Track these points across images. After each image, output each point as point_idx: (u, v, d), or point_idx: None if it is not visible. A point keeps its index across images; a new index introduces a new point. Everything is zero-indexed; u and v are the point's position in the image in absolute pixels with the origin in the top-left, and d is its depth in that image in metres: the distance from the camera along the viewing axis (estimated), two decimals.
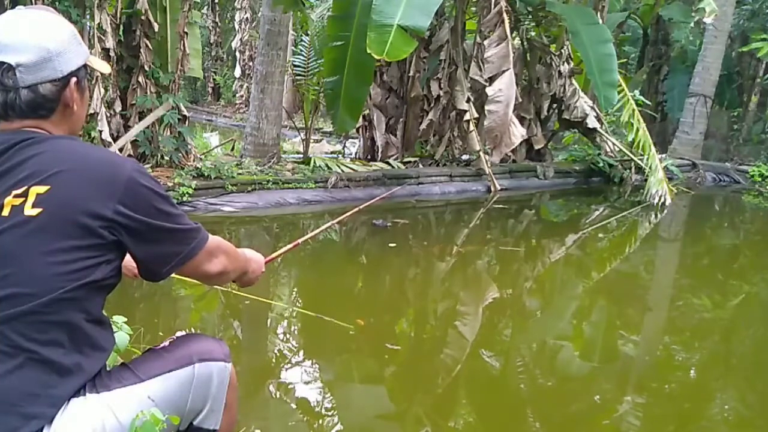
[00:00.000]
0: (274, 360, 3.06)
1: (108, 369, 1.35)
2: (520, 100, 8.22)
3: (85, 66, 1.34)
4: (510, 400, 2.77)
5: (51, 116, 1.28)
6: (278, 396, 2.66)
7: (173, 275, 1.39)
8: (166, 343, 1.42)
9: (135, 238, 1.27)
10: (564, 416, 2.64)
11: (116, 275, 1.31)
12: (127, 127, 6.35)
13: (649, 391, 2.88)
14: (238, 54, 16.13)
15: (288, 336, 3.41)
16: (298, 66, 8.10)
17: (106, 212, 1.22)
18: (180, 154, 6.58)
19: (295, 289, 4.45)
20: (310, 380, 2.81)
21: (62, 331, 1.20)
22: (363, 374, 2.90)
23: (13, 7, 1.42)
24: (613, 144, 8.85)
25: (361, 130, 8.47)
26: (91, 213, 1.20)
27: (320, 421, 2.46)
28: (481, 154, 7.67)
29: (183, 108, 6.65)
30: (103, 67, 1.52)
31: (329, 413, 2.53)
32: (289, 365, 2.97)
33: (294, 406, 2.57)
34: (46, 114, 1.27)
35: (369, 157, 8.34)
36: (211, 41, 17.51)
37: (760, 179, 9.16)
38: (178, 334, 1.53)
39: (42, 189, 1.19)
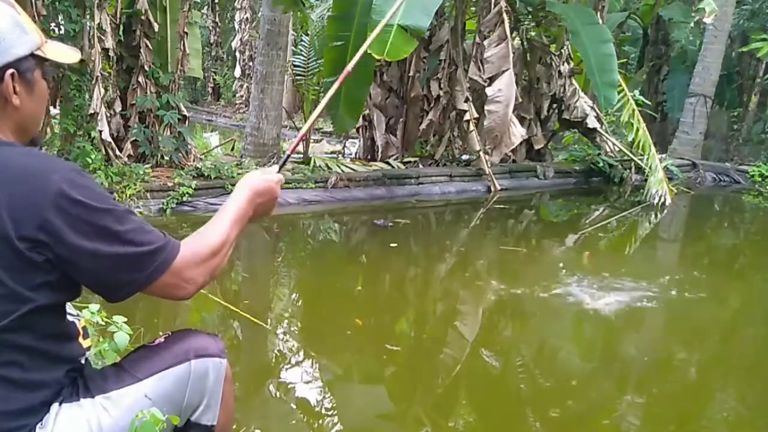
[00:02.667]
0: (273, 360, 3.06)
1: (101, 370, 1.34)
2: (520, 100, 8.22)
3: (35, 56, 1.22)
4: (509, 400, 2.77)
5: None
6: (278, 396, 2.66)
7: None
8: (161, 340, 1.40)
9: (69, 264, 1.13)
10: (564, 417, 2.64)
11: (68, 292, 1.20)
12: (127, 128, 6.35)
13: (648, 392, 2.88)
14: (238, 54, 16.13)
15: (287, 335, 3.40)
16: (298, 66, 8.11)
17: (30, 233, 1.08)
18: (180, 154, 6.58)
19: (295, 289, 4.45)
20: (310, 380, 2.81)
21: (17, 353, 1.16)
22: (361, 374, 2.89)
23: None
24: (613, 144, 8.84)
25: (361, 130, 8.48)
26: (16, 235, 1.08)
27: (320, 421, 2.46)
28: (481, 154, 7.67)
29: (183, 108, 6.65)
30: (67, 56, 1.34)
31: (328, 413, 2.53)
32: (289, 365, 2.97)
33: (293, 406, 2.57)
34: None
35: (369, 157, 8.34)
36: (211, 41, 17.51)
37: (760, 179, 9.15)
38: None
39: None
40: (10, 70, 1.17)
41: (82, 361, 1.32)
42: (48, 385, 1.22)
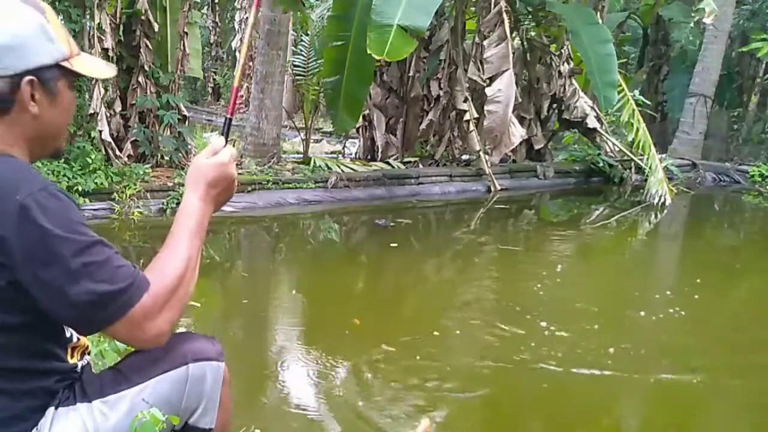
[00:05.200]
0: (272, 359, 3.06)
1: (99, 373, 1.33)
2: (520, 100, 8.22)
3: (60, 67, 1.18)
4: (509, 400, 2.77)
5: (3, 117, 1.15)
6: (277, 396, 2.66)
7: None
8: None
9: (26, 288, 1.06)
10: (563, 425, 2.64)
11: (40, 316, 1.11)
12: (127, 128, 6.36)
13: (648, 393, 2.88)
14: (238, 54, 16.12)
15: (287, 335, 3.40)
16: (298, 66, 8.11)
17: None
18: (180, 154, 6.58)
19: (295, 289, 4.45)
20: (309, 380, 2.80)
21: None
22: (360, 374, 2.89)
23: None
24: (613, 144, 8.84)
25: (361, 130, 8.47)
26: None
27: (319, 422, 2.46)
28: (481, 154, 7.67)
29: (183, 108, 6.65)
30: (99, 71, 1.29)
31: (328, 413, 2.53)
32: (288, 365, 2.97)
33: (293, 406, 2.57)
34: (0, 113, 1.14)
35: (369, 157, 8.34)
36: (211, 41, 17.50)
37: (760, 179, 9.15)
38: None
39: None
40: (29, 77, 1.13)
41: (79, 368, 1.32)
42: (36, 394, 1.20)
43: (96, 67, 1.29)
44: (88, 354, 1.39)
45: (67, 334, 1.28)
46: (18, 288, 1.07)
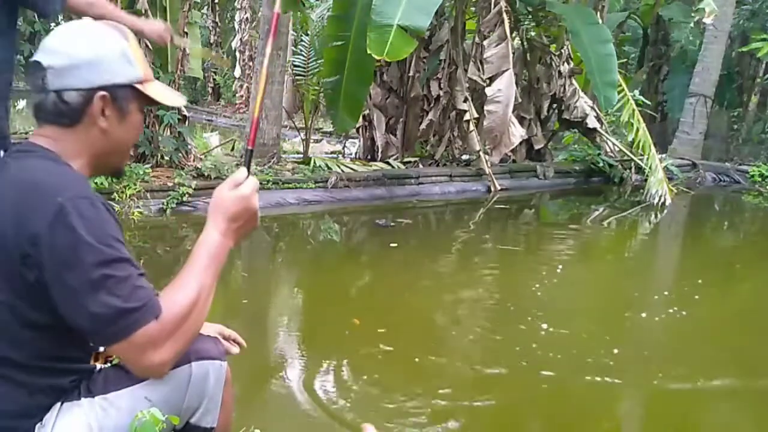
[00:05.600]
0: (272, 359, 3.06)
1: (103, 371, 1.34)
2: (520, 100, 8.22)
3: (133, 88, 1.24)
4: (508, 401, 2.77)
5: (74, 127, 1.21)
6: (277, 396, 2.66)
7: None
8: None
9: (49, 288, 1.10)
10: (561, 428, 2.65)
11: (63, 319, 1.13)
12: None
13: (647, 394, 2.88)
14: (238, 54, 16.12)
15: (286, 335, 3.40)
16: (298, 66, 8.10)
17: (24, 247, 1.08)
18: (180, 154, 6.58)
19: (294, 289, 4.45)
20: (308, 380, 2.80)
21: (9, 366, 1.18)
22: (359, 374, 2.89)
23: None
24: (613, 144, 8.85)
25: (361, 130, 8.48)
26: (17, 248, 1.09)
27: (318, 422, 2.46)
28: (481, 154, 7.67)
29: (183, 108, 6.64)
30: (169, 99, 1.33)
31: (327, 413, 2.53)
32: (288, 365, 2.97)
33: (292, 406, 2.57)
34: (68, 123, 1.21)
35: (369, 157, 8.34)
36: (211, 41, 17.50)
37: (760, 179, 9.15)
38: None
39: None
40: (102, 93, 1.19)
41: (97, 369, 1.33)
42: (49, 391, 1.22)
43: (167, 94, 1.34)
44: (111, 362, 1.40)
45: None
46: (44, 287, 1.10)
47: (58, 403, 1.23)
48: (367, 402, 2.65)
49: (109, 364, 1.36)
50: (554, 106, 8.76)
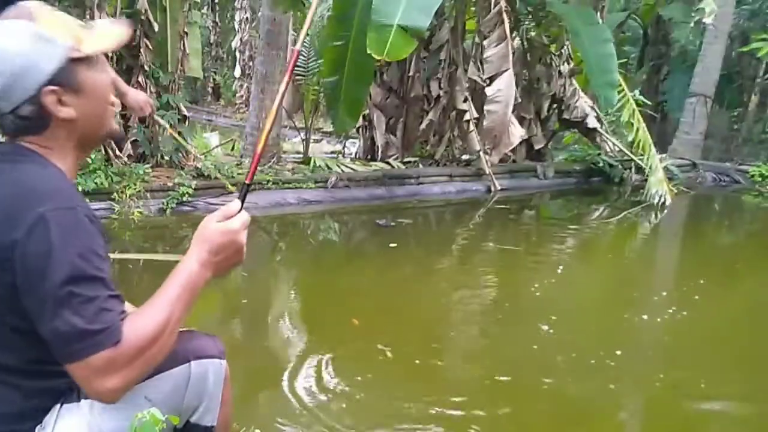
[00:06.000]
0: (271, 360, 3.06)
1: None
2: (520, 100, 8.22)
3: (72, 60, 1.15)
4: (508, 401, 2.77)
5: (46, 130, 1.17)
6: (276, 396, 2.66)
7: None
8: None
9: (20, 294, 1.07)
10: (566, 423, 2.64)
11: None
12: (127, 128, 6.36)
13: (649, 396, 2.88)
14: (238, 54, 16.14)
15: (285, 335, 3.40)
16: (298, 66, 8.10)
17: (3, 252, 1.06)
18: (180, 154, 6.58)
19: (293, 289, 4.45)
20: (307, 380, 2.80)
21: (5, 372, 1.18)
22: (358, 375, 2.89)
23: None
24: (613, 144, 8.85)
25: (361, 130, 8.48)
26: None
27: (317, 422, 2.46)
28: (481, 154, 7.67)
29: (183, 108, 6.65)
30: (111, 40, 1.22)
31: (326, 413, 2.53)
32: (287, 365, 2.97)
33: (291, 406, 2.57)
34: (39, 130, 1.16)
35: (369, 157, 8.34)
36: (211, 41, 17.52)
37: (760, 179, 9.15)
38: None
39: None
40: (48, 88, 1.13)
41: None
42: (46, 394, 1.22)
43: (107, 39, 1.22)
44: None
45: None
46: (17, 293, 1.08)
47: (57, 405, 1.23)
48: (366, 403, 2.65)
49: None
50: (554, 106, 8.76)
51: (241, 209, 1.23)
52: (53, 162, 1.17)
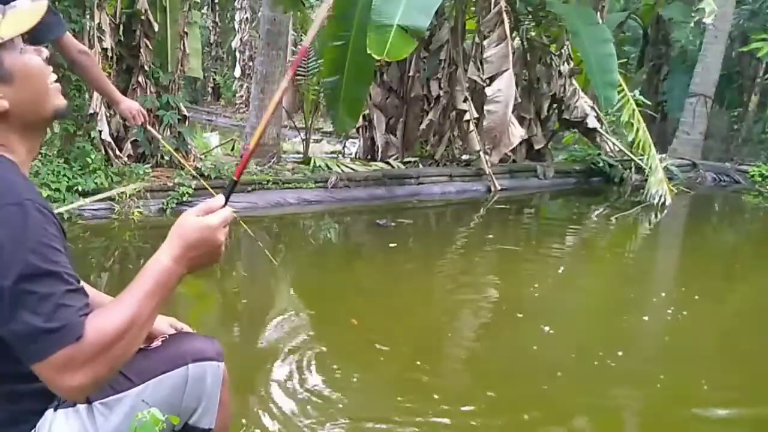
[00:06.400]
0: (271, 360, 3.06)
1: None
2: (520, 100, 8.22)
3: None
4: (508, 402, 2.77)
5: None
6: (275, 397, 2.66)
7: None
8: (158, 343, 1.39)
9: None
10: (564, 418, 2.64)
11: None
12: (126, 128, 6.36)
13: (647, 394, 2.88)
14: (238, 54, 16.14)
15: (285, 335, 3.40)
16: (298, 66, 8.10)
17: None
18: (180, 154, 6.58)
19: (293, 289, 4.45)
20: (307, 381, 2.80)
21: None
22: (357, 375, 2.89)
23: None
24: (613, 144, 8.84)
25: (361, 130, 8.48)
26: None
27: (317, 422, 2.46)
28: (481, 154, 7.67)
29: (183, 108, 6.65)
30: (26, 20, 1.13)
31: (324, 412, 2.53)
32: (286, 365, 2.97)
33: (290, 407, 2.57)
34: None
35: (369, 157, 8.34)
36: (211, 41, 17.53)
37: (760, 179, 9.15)
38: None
39: None
40: None
41: None
42: (34, 396, 1.20)
43: (22, 19, 1.13)
44: None
45: None
46: None
47: (51, 409, 1.22)
48: (364, 403, 2.65)
49: None
50: (554, 106, 8.76)
51: (224, 205, 1.17)
52: (1, 154, 1.12)
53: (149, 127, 3.45)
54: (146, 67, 6.25)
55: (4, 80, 1.10)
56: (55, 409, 1.22)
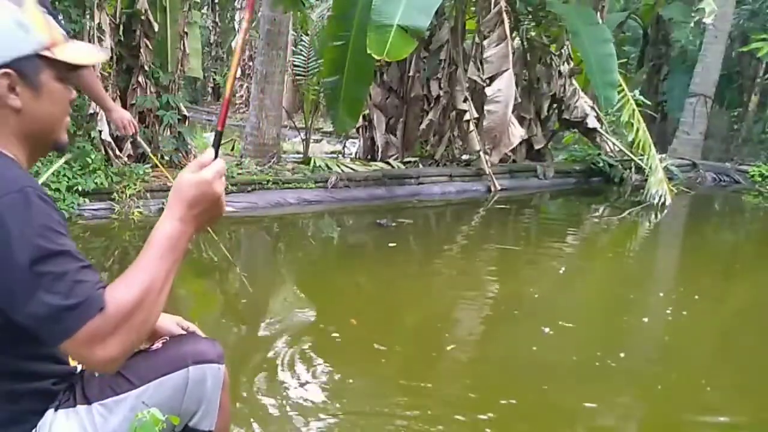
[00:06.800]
0: (270, 360, 3.06)
1: (99, 375, 1.32)
2: (520, 100, 8.22)
3: (42, 58, 1.14)
4: (508, 403, 2.77)
5: None
6: (274, 398, 2.66)
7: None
8: (159, 345, 1.39)
9: None
10: (558, 421, 2.64)
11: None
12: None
13: (647, 394, 2.88)
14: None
15: (285, 335, 3.40)
16: (298, 66, 8.11)
17: None
18: (180, 154, 6.59)
19: (292, 289, 4.45)
20: (306, 381, 2.80)
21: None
22: (356, 375, 2.89)
23: None
24: (613, 144, 8.84)
25: (361, 130, 8.48)
26: None
27: (317, 421, 2.46)
28: (481, 154, 7.67)
29: (183, 108, 6.65)
30: (87, 57, 1.23)
31: (322, 412, 2.53)
32: (286, 366, 2.97)
33: (289, 407, 2.57)
34: None
35: (369, 157, 8.34)
36: (211, 41, 17.51)
37: (760, 179, 9.15)
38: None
39: None
40: (5, 70, 1.10)
41: (78, 370, 1.31)
42: (34, 396, 1.20)
43: (83, 54, 1.22)
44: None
45: None
46: None
47: (51, 410, 1.22)
48: (361, 403, 2.65)
49: None
50: (554, 106, 8.76)
51: (215, 157, 1.17)
52: (1, 151, 1.15)
53: (139, 138, 3.46)
54: (146, 67, 6.25)
55: (32, 87, 1.14)
56: (56, 410, 1.22)
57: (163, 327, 1.47)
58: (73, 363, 1.29)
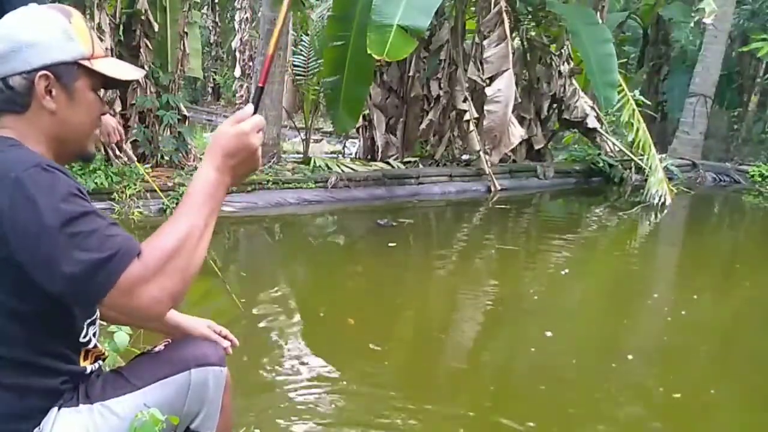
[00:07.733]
0: (269, 360, 3.06)
1: (100, 375, 1.33)
2: (520, 100, 8.22)
3: (81, 67, 1.20)
4: (503, 405, 2.77)
5: (26, 113, 1.18)
6: (273, 398, 2.66)
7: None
8: (161, 347, 1.40)
9: (22, 263, 1.06)
10: (559, 420, 2.64)
11: (48, 302, 1.11)
12: (126, 128, 6.36)
13: (648, 394, 2.88)
14: (238, 54, 16.11)
15: (284, 335, 3.40)
16: (298, 66, 8.11)
17: None
18: (180, 154, 6.59)
19: (292, 289, 4.45)
20: (305, 380, 2.81)
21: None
22: (354, 374, 2.90)
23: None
24: (613, 144, 8.84)
25: (361, 130, 8.48)
26: None
27: (316, 422, 2.46)
28: (481, 154, 7.67)
29: (183, 108, 6.65)
30: (123, 72, 1.27)
31: (319, 411, 2.53)
32: (285, 365, 2.97)
33: (288, 408, 2.57)
34: (20, 109, 1.18)
35: (369, 157, 8.34)
36: (211, 41, 17.50)
37: (760, 179, 9.15)
38: None
39: None
40: (43, 72, 1.15)
41: (88, 371, 1.31)
42: (41, 393, 1.21)
43: (120, 69, 1.27)
44: (103, 360, 1.38)
45: (84, 338, 1.28)
46: (15, 266, 1.06)
47: (55, 408, 1.23)
48: (357, 403, 2.65)
49: (98, 365, 1.35)
50: (554, 106, 8.76)
51: (255, 112, 1.20)
52: (20, 142, 1.18)
53: (125, 147, 3.38)
54: (146, 67, 6.24)
55: (67, 93, 1.19)
56: (59, 408, 1.23)
57: (195, 329, 1.52)
58: (83, 364, 1.30)
